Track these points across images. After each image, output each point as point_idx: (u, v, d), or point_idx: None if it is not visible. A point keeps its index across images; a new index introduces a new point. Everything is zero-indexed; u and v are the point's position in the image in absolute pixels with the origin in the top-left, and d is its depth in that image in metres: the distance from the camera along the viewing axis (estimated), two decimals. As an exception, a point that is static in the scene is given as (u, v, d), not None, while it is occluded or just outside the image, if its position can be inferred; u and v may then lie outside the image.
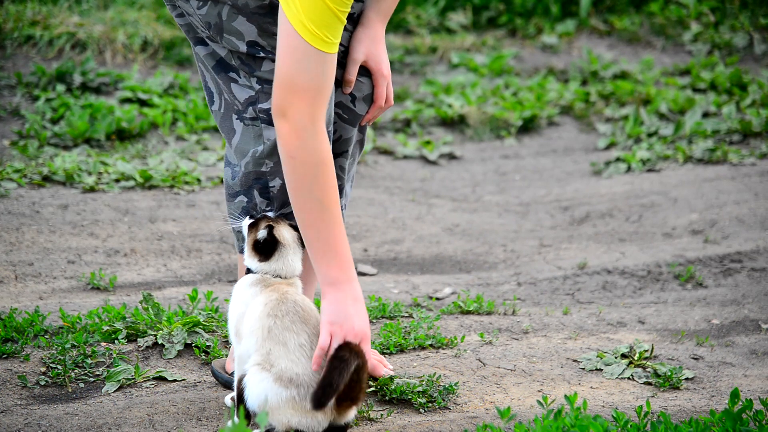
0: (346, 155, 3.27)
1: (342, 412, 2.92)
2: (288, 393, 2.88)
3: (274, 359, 2.91)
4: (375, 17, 3.19)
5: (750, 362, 3.86)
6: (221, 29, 3.07)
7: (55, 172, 5.42)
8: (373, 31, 3.19)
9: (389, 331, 3.76)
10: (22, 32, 6.93)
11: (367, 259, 5.00)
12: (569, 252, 5.11)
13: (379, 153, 6.54)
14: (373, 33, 3.19)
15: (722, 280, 4.65)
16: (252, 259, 3.06)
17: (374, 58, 3.20)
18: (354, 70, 3.18)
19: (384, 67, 3.22)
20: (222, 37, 3.08)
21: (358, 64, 3.19)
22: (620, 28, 8.35)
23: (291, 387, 2.89)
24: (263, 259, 3.04)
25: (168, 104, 6.46)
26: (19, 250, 4.65)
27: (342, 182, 3.28)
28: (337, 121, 3.22)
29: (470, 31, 8.34)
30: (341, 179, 3.27)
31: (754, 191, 5.64)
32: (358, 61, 3.18)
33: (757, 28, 8.04)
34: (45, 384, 3.45)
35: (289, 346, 2.92)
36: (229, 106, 3.14)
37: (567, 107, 7.18)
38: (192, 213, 5.18)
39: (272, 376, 2.90)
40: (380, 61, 3.21)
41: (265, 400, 2.88)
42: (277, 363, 2.91)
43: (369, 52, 3.19)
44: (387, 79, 3.23)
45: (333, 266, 2.95)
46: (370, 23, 3.19)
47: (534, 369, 3.63)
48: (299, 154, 2.89)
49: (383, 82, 3.23)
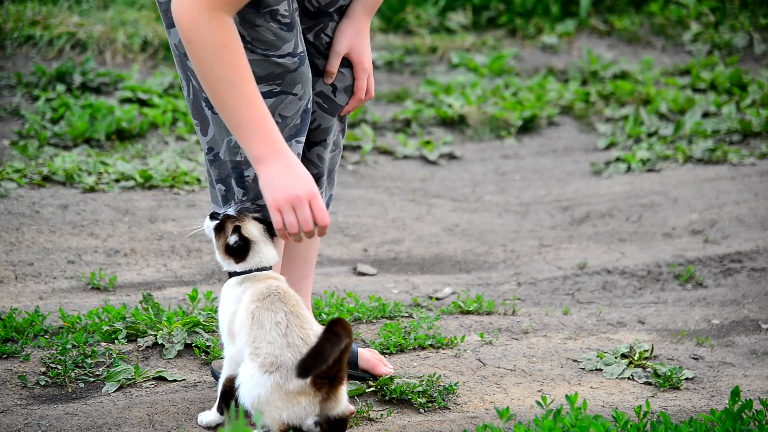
0: (324, 144, 3.29)
1: (323, 394, 2.90)
2: (272, 379, 2.88)
3: (258, 344, 2.93)
4: (361, 10, 3.23)
5: (750, 362, 3.86)
6: None
7: (55, 172, 5.42)
8: (358, 24, 3.23)
9: (389, 331, 3.76)
10: (22, 32, 6.93)
11: (367, 259, 5.00)
12: (569, 252, 5.11)
13: (379, 153, 6.54)
14: (357, 25, 3.23)
15: (722, 280, 4.65)
16: (227, 262, 3.08)
17: (356, 51, 3.23)
18: (336, 61, 3.22)
19: (366, 60, 3.25)
20: None
21: (340, 56, 3.22)
22: (620, 28, 8.35)
23: (274, 371, 2.89)
24: (240, 261, 3.06)
25: (168, 104, 6.46)
26: (19, 250, 4.65)
27: (320, 171, 3.30)
28: (317, 110, 3.26)
29: (470, 31, 8.34)
30: (319, 168, 3.29)
31: (754, 191, 5.64)
32: (341, 53, 3.22)
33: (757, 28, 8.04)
34: (45, 384, 3.45)
35: (265, 326, 2.93)
36: (198, 93, 3.14)
37: (567, 107, 7.18)
38: (192, 213, 5.18)
39: (257, 365, 2.90)
40: (362, 53, 3.24)
41: (256, 397, 2.89)
42: (261, 348, 2.92)
43: (352, 45, 3.23)
44: (368, 72, 3.27)
45: (254, 141, 2.92)
46: (355, 16, 3.23)
47: (534, 369, 3.63)
48: (195, 38, 2.88)
49: (364, 75, 3.26)
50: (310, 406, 2.90)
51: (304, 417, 2.90)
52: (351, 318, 3.92)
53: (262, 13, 3.03)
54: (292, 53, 3.08)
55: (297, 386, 2.88)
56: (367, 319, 3.93)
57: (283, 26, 3.06)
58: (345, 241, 5.17)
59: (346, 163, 6.32)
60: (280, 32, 3.06)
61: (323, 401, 2.90)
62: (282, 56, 3.06)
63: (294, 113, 3.12)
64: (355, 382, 3.42)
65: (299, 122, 3.14)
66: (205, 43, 2.90)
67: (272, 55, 3.06)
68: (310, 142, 3.28)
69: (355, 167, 6.28)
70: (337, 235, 5.21)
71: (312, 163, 3.29)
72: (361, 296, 4.21)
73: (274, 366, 2.90)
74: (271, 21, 3.04)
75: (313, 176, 3.30)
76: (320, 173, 3.31)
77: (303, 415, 2.90)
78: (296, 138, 3.14)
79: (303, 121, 3.15)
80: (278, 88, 3.09)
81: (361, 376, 3.45)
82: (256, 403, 2.90)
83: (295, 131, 3.14)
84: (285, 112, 3.11)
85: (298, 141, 3.14)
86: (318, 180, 3.31)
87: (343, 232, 5.25)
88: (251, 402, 2.91)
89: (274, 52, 3.06)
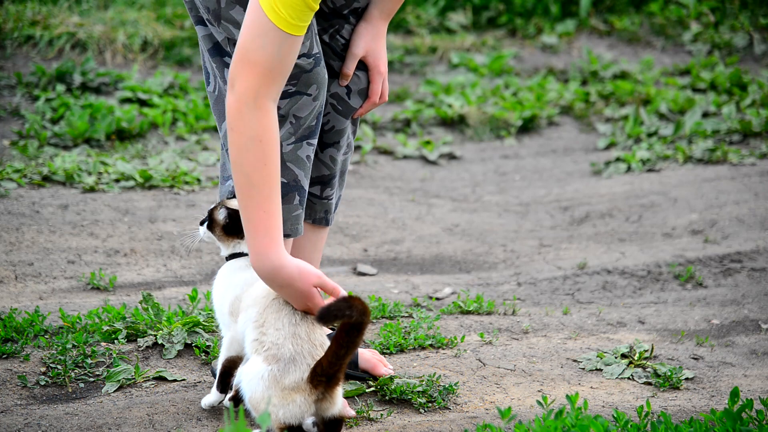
0: (338, 146, 3.30)
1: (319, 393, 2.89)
2: (270, 370, 2.88)
3: (266, 329, 2.93)
4: (378, 14, 3.24)
5: (750, 362, 3.86)
6: (219, 15, 3.09)
7: (55, 172, 5.42)
8: (375, 28, 3.24)
9: (389, 331, 3.76)
10: (22, 32, 6.93)
11: (367, 259, 5.00)
12: (569, 252, 5.11)
13: (379, 153, 6.54)
14: (374, 29, 3.23)
15: (722, 280, 4.65)
16: (231, 243, 3.08)
17: (373, 54, 3.24)
18: (352, 64, 3.22)
19: (381, 63, 3.26)
20: (220, 23, 3.09)
21: (357, 58, 3.23)
22: (620, 28, 8.35)
23: (273, 363, 2.89)
24: (239, 236, 3.05)
25: (168, 104, 6.46)
26: (19, 250, 4.65)
27: (332, 172, 3.31)
28: (331, 111, 3.26)
29: (470, 31, 8.34)
30: (331, 169, 3.30)
31: (754, 191, 5.64)
32: (357, 56, 3.23)
33: (757, 28, 8.04)
34: (45, 384, 3.45)
35: (282, 311, 2.95)
36: (222, 90, 3.16)
37: (567, 107, 7.18)
38: (192, 213, 5.18)
39: (262, 358, 2.91)
40: (378, 57, 3.25)
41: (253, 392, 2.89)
42: (267, 334, 2.92)
43: (368, 48, 3.24)
44: (383, 76, 3.27)
45: (256, 240, 2.93)
46: (372, 19, 3.23)
47: (534, 369, 3.63)
48: (236, 126, 2.89)
49: (379, 78, 3.27)
50: (306, 405, 2.89)
51: (299, 416, 2.89)
52: (351, 318, 3.91)
53: None
54: (307, 54, 3.08)
55: (293, 381, 2.87)
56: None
57: None
58: (345, 241, 5.17)
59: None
60: None
61: (318, 401, 2.90)
62: (297, 57, 3.06)
63: (308, 114, 3.12)
64: (355, 382, 3.42)
65: (313, 124, 3.15)
66: (243, 133, 2.90)
67: None
68: (323, 143, 3.29)
69: (355, 167, 6.28)
70: (337, 235, 5.21)
71: (324, 165, 3.30)
72: (361, 296, 4.21)
73: (275, 359, 2.90)
74: None
75: (325, 177, 3.31)
76: (332, 174, 3.32)
77: (298, 413, 2.89)
78: (308, 140, 3.14)
79: (317, 123, 3.16)
80: (293, 88, 3.09)
81: (361, 377, 3.45)
82: (254, 398, 2.90)
83: (309, 132, 3.14)
84: (299, 113, 3.11)
85: (309, 143, 3.15)
86: (330, 181, 3.32)
87: (343, 232, 5.25)
88: (249, 397, 2.91)
89: None
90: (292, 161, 3.12)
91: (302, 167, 3.14)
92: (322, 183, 3.32)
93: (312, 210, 3.34)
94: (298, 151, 3.13)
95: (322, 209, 3.36)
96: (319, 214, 3.36)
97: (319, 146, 3.29)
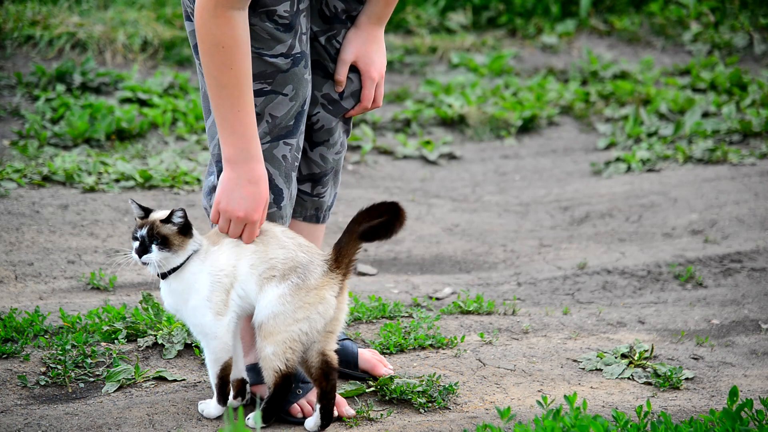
0: (328, 144, 3.30)
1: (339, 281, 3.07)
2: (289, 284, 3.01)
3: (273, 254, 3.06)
4: (366, 20, 3.24)
5: (750, 362, 3.86)
6: None
7: (55, 172, 5.42)
8: (365, 33, 3.24)
9: (389, 331, 3.76)
10: (22, 32, 6.93)
11: (367, 259, 5.00)
12: (569, 252, 5.11)
13: (379, 153, 6.54)
14: (364, 35, 3.24)
15: (722, 280, 4.65)
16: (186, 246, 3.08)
17: (364, 59, 3.25)
18: (343, 70, 3.24)
19: (373, 69, 3.26)
20: None
21: (347, 64, 3.24)
22: (620, 28, 8.35)
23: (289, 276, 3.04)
24: (191, 233, 3.09)
25: (168, 104, 6.46)
26: (19, 250, 4.65)
27: (323, 171, 3.32)
28: (321, 111, 3.27)
29: (470, 31, 8.34)
30: (321, 168, 3.31)
31: (754, 191, 5.64)
32: (347, 62, 3.24)
33: (757, 28, 8.04)
34: (45, 384, 3.45)
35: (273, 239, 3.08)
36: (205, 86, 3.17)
37: (567, 107, 7.18)
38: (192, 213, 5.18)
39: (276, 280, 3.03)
40: (370, 62, 3.25)
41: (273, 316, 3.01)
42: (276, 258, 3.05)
43: (358, 53, 3.24)
44: (375, 82, 3.28)
45: (229, 144, 3.04)
46: (361, 25, 3.25)
47: (534, 369, 3.63)
48: (199, 33, 2.99)
49: (371, 84, 3.27)
50: (332, 300, 3.02)
51: (329, 315, 3.01)
52: (351, 318, 3.92)
53: (258, 13, 3.05)
54: (286, 54, 3.09)
55: (317, 278, 3.01)
56: (367, 319, 3.93)
57: (280, 27, 3.07)
58: (345, 241, 5.17)
59: (346, 163, 6.32)
60: (275, 32, 3.07)
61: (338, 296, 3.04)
62: (274, 56, 3.08)
63: (285, 114, 3.13)
64: (355, 382, 3.42)
65: (291, 124, 3.15)
66: (205, 39, 2.99)
67: (265, 54, 3.08)
68: (313, 142, 3.29)
69: (355, 167, 6.28)
70: (337, 234, 5.20)
71: (315, 163, 3.31)
72: (361, 296, 4.21)
73: (292, 271, 3.02)
74: (266, 21, 3.05)
75: (316, 175, 3.31)
76: (323, 172, 3.32)
77: (330, 312, 3.02)
78: (285, 139, 3.15)
79: (296, 123, 3.16)
80: (269, 87, 3.10)
81: (361, 377, 3.45)
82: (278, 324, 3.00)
83: (285, 132, 3.15)
84: (275, 111, 3.12)
85: (286, 143, 3.15)
86: (321, 179, 3.33)
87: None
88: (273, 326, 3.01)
89: (266, 51, 3.08)
90: (267, 160, 3.13)
91: (277, 166, 3.15)
92: (312, 180, 3.33)
93: (302, 207, 3.35)
94: (274, 150, 3.14)
95: (312, 207, 3.36)
96: (310, 211, 3.37)
97: (309, 144, 3.29)
